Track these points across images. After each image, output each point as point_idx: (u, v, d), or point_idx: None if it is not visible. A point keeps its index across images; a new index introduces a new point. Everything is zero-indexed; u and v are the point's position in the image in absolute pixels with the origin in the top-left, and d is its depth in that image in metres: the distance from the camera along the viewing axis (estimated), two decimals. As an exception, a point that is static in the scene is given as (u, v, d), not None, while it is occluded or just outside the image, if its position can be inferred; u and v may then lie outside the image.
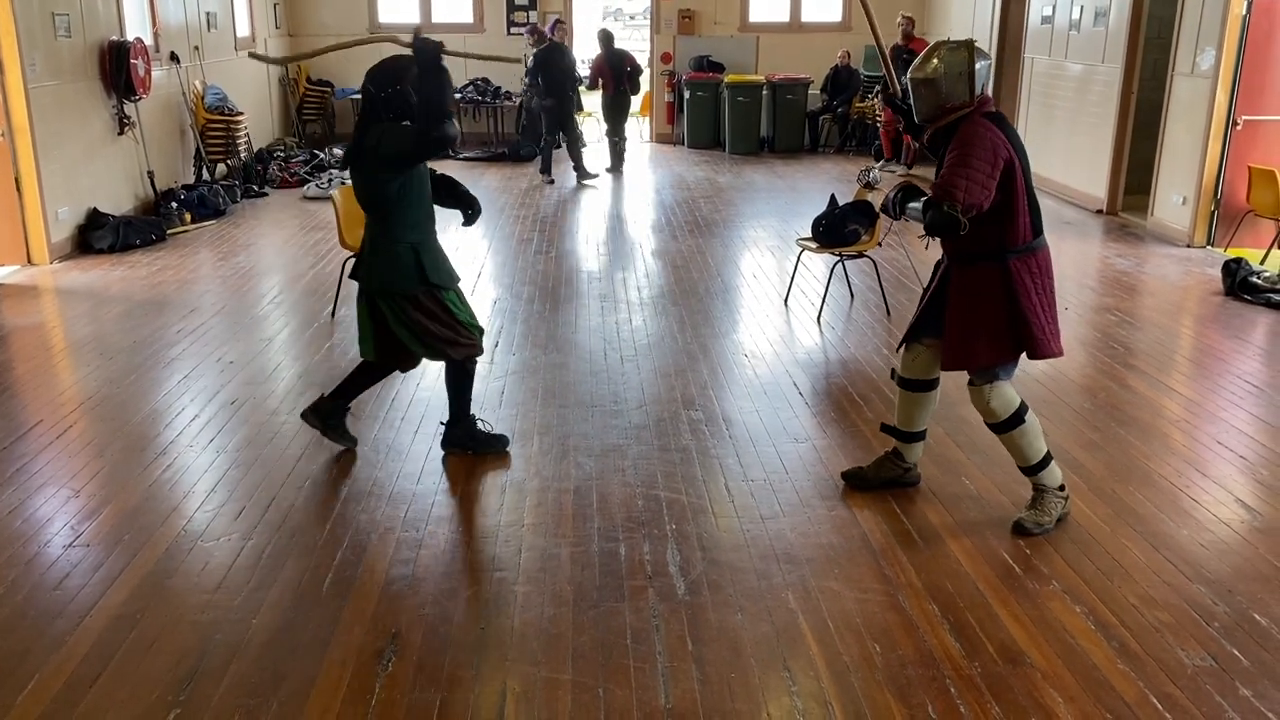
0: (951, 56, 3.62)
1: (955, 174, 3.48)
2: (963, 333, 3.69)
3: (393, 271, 4.05)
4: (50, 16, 7.76)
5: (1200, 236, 8.32)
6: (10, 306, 6.67)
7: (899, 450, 4.10)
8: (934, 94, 3.63)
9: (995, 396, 3.71)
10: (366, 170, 3.99)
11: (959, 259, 3.72)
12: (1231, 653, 3.06)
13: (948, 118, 3.64)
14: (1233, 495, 4.08)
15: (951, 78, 3.60)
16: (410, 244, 4.05)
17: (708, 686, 2.90)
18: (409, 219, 4.05)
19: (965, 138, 3.54)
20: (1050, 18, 10.74)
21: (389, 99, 3.93)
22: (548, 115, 11.36)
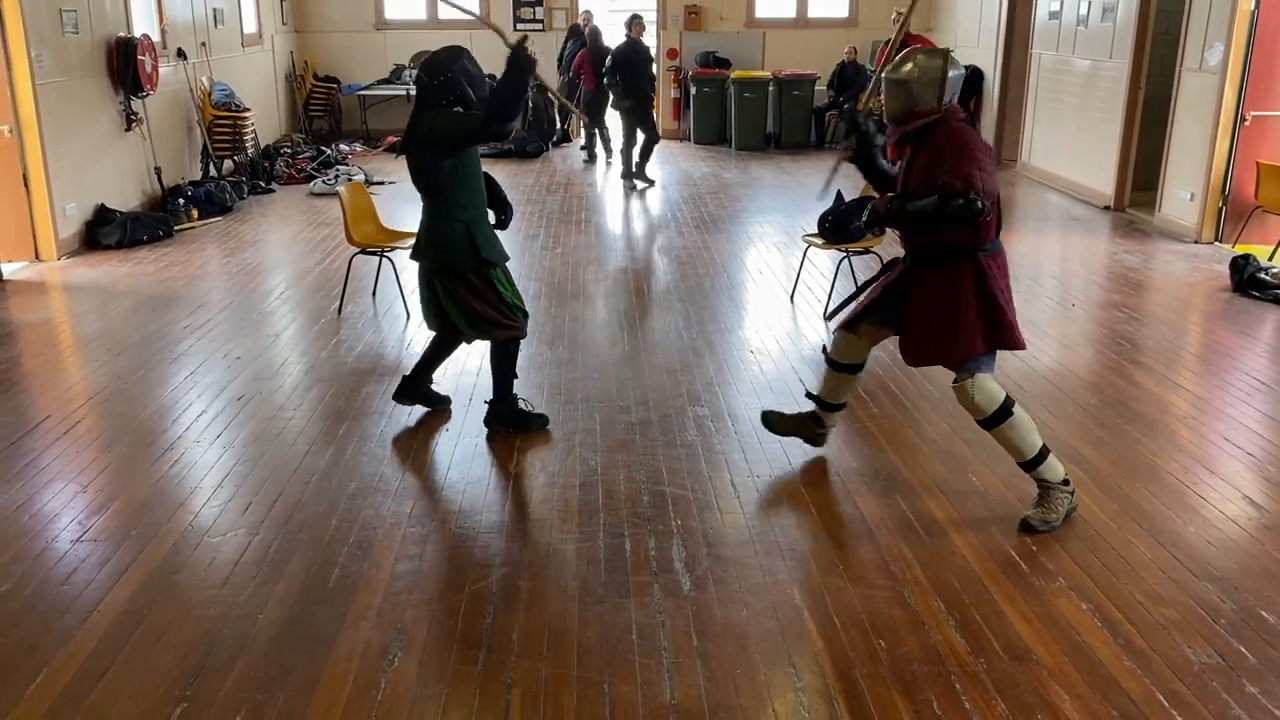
0: (928, 62, 3.70)
1: (967, 165, 3.54)
2: (936, 329, 3.75)
3: (447, 248, 4.29)
4: (58, 13, 7.77)
5: (1208, 232, 8.29)
6: (18, 302, 6.69)
7: (819, 416, 4.30)
8: (905, 96, 3.71)
9: (978, 391, 3.74)
10: (422, 153, 4.23)
11: (930, 258, 3.76)
12: (1238, 650, 3.05)
13: (915, 122, 3.72)
14: (1240, 492, 4.07)
15: (924, 83, 3.68)
16: (463, 221, 4.27)
17: (713, 682, 2.90)
18: (462, 198, 4.28)
19: (957, 135, 3.65)
20: (1058, 13, 10.70)
21: (441, 85, 4.20)
22: (627, 117, 10.93)
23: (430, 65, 4.25)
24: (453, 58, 4.26)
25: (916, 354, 3.87)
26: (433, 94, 4.22)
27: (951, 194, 3.50)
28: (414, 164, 4.30)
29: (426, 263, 4.39)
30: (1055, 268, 7.68)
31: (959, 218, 3.53)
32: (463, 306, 4.35)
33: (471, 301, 4.34)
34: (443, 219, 4.30)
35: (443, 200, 4.29)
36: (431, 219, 4.35)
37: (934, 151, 3.66)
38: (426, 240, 4.37)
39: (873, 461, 4.33)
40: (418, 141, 4.23)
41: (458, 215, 4.28)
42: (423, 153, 4.24)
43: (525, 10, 14.01)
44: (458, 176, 4.26)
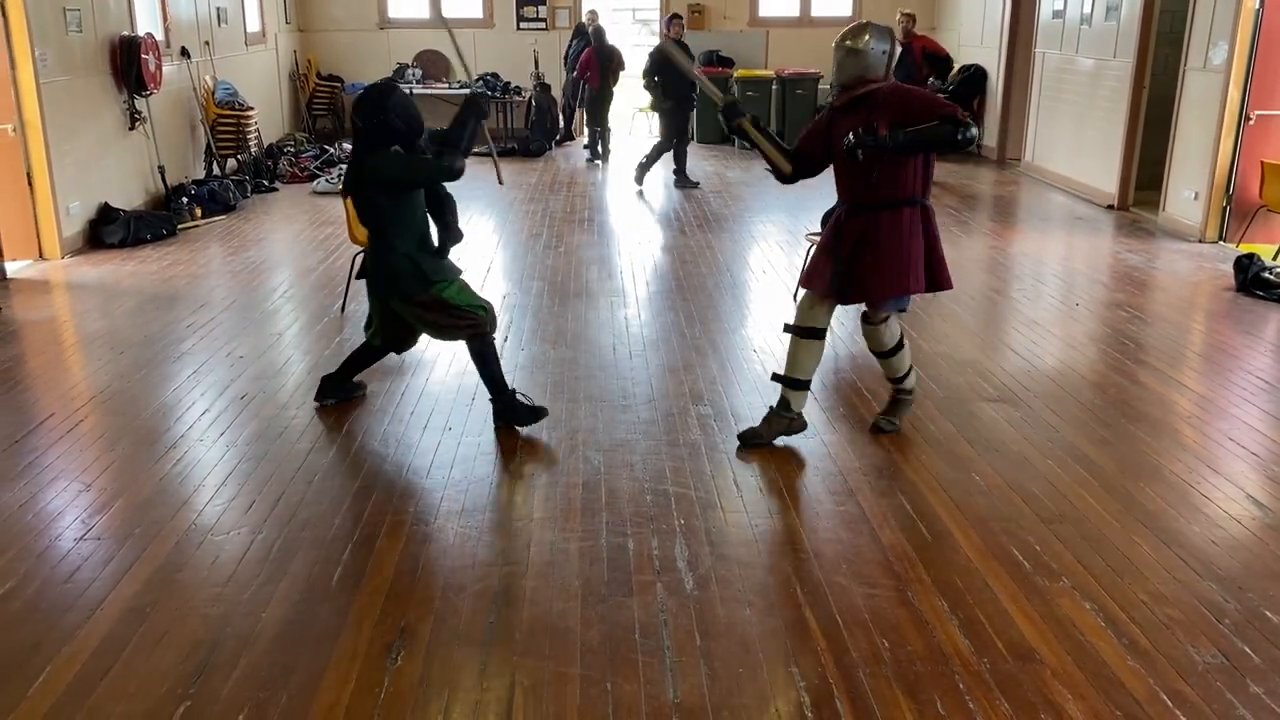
0: (880, 37, 4.21)
1: (945, 105, 4.14)
2: (893, 267, 4.24)
3: (395, 280, 4.46)
4: (61, 11, 7.78)
5: (1212, 232, 8.27)
6: (22, 301, 6.69)
7: (785, 400, 4.46)
8: (859, 64, 4.18)
9: (889, 332, 4.47)
10: (366, 196, 4.43)
11: (884, 205, 4.23)
12: (1243, 650, 3.04)
13: (864, 88, 4.20)
14: (1244, 491, 4.06)
15: (877, 54, 4.18)
16: (405, 254, 4.42)
17: (716, 681, 2.90)
18: (403, 232, 4.43)
19: (909, 90, 4.29)
20: (1061, 12, 10.69)
21: (378, 126, 4.30)
22: (666, 119, 10.63)
23: (363, 107, 4.34)
24: (385, 94, 4.36)
25: (861, 288, 4.30)
26: (372, 134, 4.32)
27: (958, 121, 4.00)
28: (357, 202, 4.50)
29: (378, 290, 4.59)
30: (1059, 267, 7.67)
31: (965, 141, 4.02)
32: (424, 321, 4.54)
33: (431, 316, 4.50)
34: (387, 251, 4.44)
35: (387, 235, 4.43)
36: (378, 252, 4.50)
37: (882, 108, 4.13)
38: (375, 272, 4.56)
39: (875, 460, 4.33)
40: (363, 184, 4.40)
41: (400, 248, 4.41)
42: (370, 196, 4.41)
43: (528, 9, 14.00)
44: (398, 213, 4.41)
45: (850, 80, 4.21)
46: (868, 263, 4.23)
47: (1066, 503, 3.95)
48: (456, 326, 4.53)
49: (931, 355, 5.61)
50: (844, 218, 4.33)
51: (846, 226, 4.31)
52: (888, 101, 4.15)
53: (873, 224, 4.23)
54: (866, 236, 4.23)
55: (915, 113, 4.08)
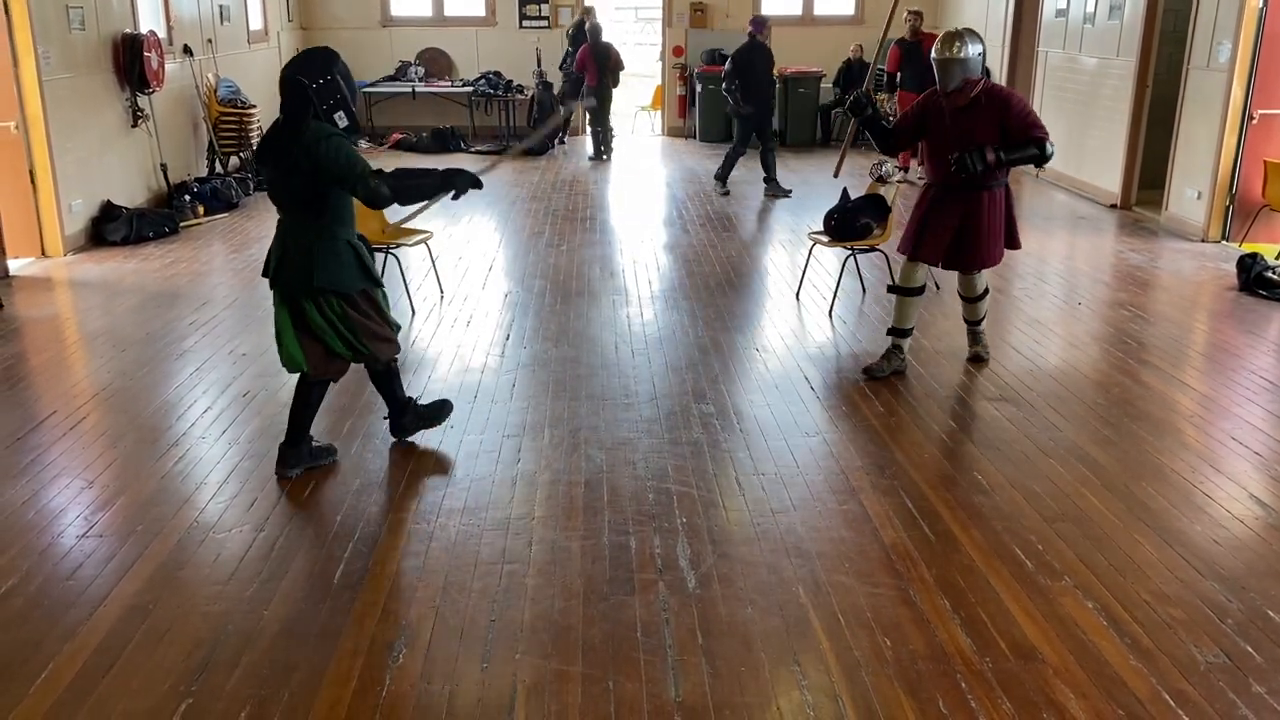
0: (974, 40, 4.89)
1: (1038, 119, 4.95)
2: (992, 238, 5.12)
3: (338, 270, 3.90)
4: (64, 9, 7.78)
5: (1215, 231, 8.26)
6: (24, 298, 6.70)
7: (897, 344, 5.30)
8: (965, 70, 4.87)
9: (982, 279, 5.37)
10: (303, 168, 3.78)
11: (986, 186, 5.00)
12: (1245, 649, 3.04)
13: (974, 90, 4.91)
14: (1246, 491, 4.06)
15: (975, 58, 4.87)
16: (347, 241, 3.96)
17: (718, 680, 2.90)
18: (345, 216, 3.97)
19: (1010, 96, 5.00)
20: (1065, 11, 10.67)
21: (323, 88, 3.81)
22: (744, 123, 10.10)
23: (308, 66, 3.84)
24: (331, 59, 3.90)
25: (974, 260, 5.16)
26: (314, 97, 3.80)
27: (1045, 143, 4.83)
28: (288, 178, 3.85)
29: (301, 285, 3.90)
30: (1061, 266, 7.66)
31: (1046, 160, 4.90)
32: (345, 327, 3.98)
33: (364, 321, 4.02)
34: (327, 237, 3.88)
35: (324, 217, 3.88)
36: (311, 237, 3.88)
37: (991, 110, 4.88)
38: (304, 261, 3.87)
39: (878, 459, 4.32)
40: (299, 155, 3.78)
41: (340, 234, 3.93)
42: (305, 168, 3.80)
43: (531, 8, 13.99)
44: (341, 193, 3.89)
45: (960, 85, 4.88)
46: (974, 238, 5.05)
47: (1069, 502, 3.95)
48: (387, 341, 4.13)
49: (934, 354, 5.61)
50: (940, 195, 5.07)
51: (946, 203, 5.04)
52: (991, 104, 4.88)
53: (975, 203, 5.00)
54: (970, 214, 5.01)
55: (1012, 122, 4.86)
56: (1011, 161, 4.90)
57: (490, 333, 6.01)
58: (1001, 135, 4.87)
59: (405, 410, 4.42)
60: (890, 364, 5.27)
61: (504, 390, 5.09)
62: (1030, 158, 4.90)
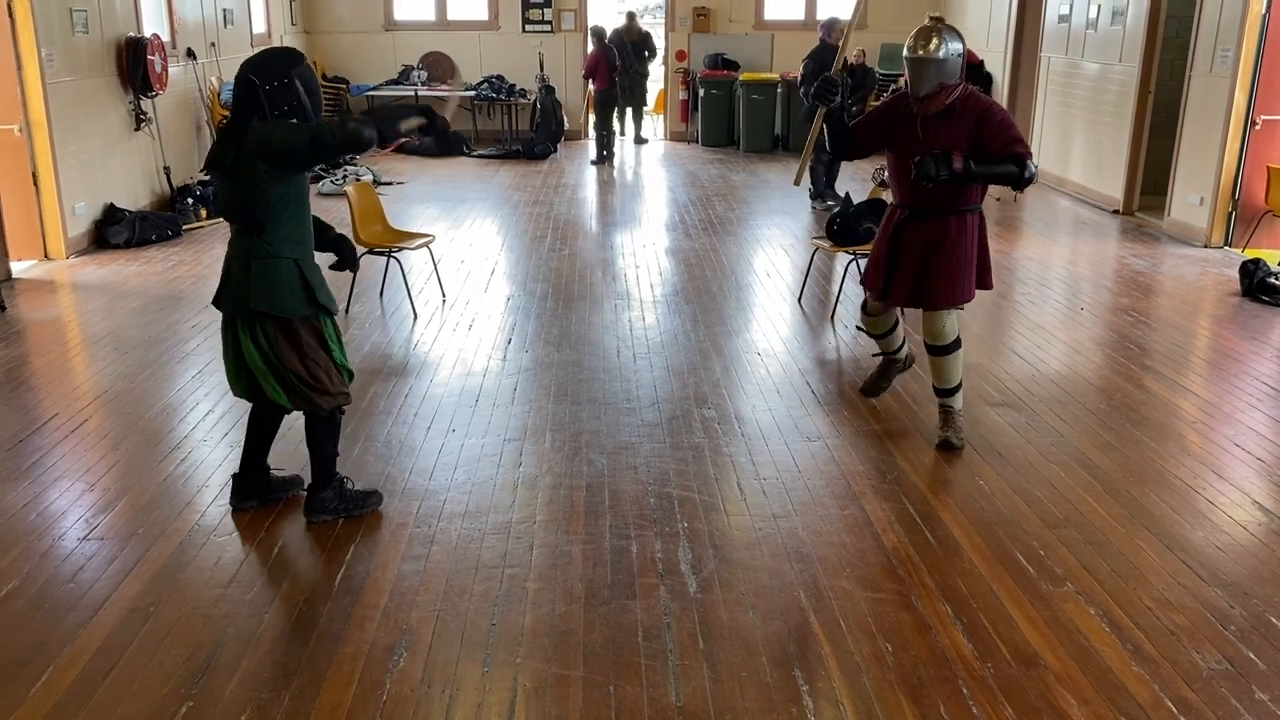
0: (953, 37, 4.22)
1: (1020, 134, 4.22)
2: (957, 271, 4.32)
3: (274, 290, 3.51)
4: (68, 12, 7.79)
5: (1218, 237, 8.26)
6: (27, 301, 6.70)
7: (893, 359, 4.86)
8: (941, 72, 4.20)
9: (951, 321, 4.41)
10: (250, 171, 3.44)
11: (956, 210, 4.29)
12: (1248, 656, 3.03)
13: (949, 96, 4.22)
14: (1249, 497, 4.05)
15: (954, 59, 4.21)
16: (292, 259, 3.54)
17: (719, 685, 2.89)
18: (291, 232, 3.55)
19: (990, 106, 4.28)
20: (1067, 16, 10.68)
21: (277, 90, 3.46)
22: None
23: (263, 67, 3.49)
24: (292, 61, 3.53)
25: (934, 298, 4.36)
26: (265, 100, 3.45)
27: (1025, 161, 4.12)
28: (234, 184, 3.49)
29: (238, 307, 3.58)
30: (1064, 271, 7.66)
31: (1027, 183, 4.17)
32: (279, 366, 3.58)
33: (293, 360, 3.57)
34: (267, 255, 3.51)
35: (267, 233, 3.50)
36: (250, 255, 3.53)
37: (967, 120, 4.19)
38: (242, 279, 3.54)
39: (879, 464, 4.32)
40: (247, 156, 3.43)
41: (285, 251, 3.52)
42: (250, 170, 3.43)
43: (534, 12, 14.01)
44: (288, 204, 3.51)
45: (935, 89, 4.20)
46: (940, 270, 4.30)
47: (1071, 507, 3.94)
48: (324, 390, 3.63)
49: (936, 359, 5.60)
50: (904, 223, 4.36)
51: (908, 234, 4.34)
52: (967, 112, 4.19)
53: (942, 229, 4.28)
54: (937, 243, 4.29)
55: (991, 133, 4.14)
56: (984, 176, 4.16)
57: (492, 336, 6.01)
58: (975, 153, 4.15)
59: (328, 484, 3.81)
60: (889, 377, 4.93)
61: (505, 394, 5.09)
62: (1007, 176, 4.15)
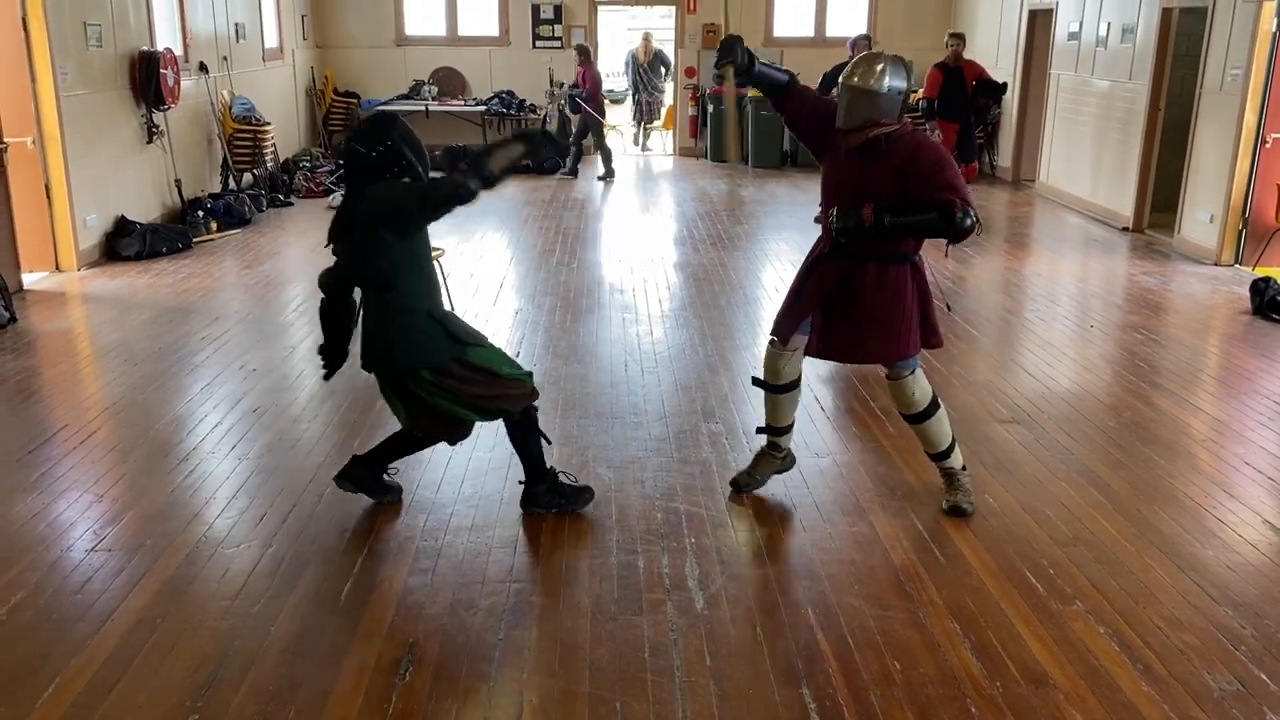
0: (897, 73, 3.70)
1: (955, 179, 3.64)
2: (887, 327, 3.83)
3: (419, 344, 3.64)
4: (82, 26, 7.85)
5: (1228, 255, 8.23)
6: (38, 312, 6.73)
7: (773, 444, 4.20)
8: (873, 107, 3.67)
9: (918, 387, 3.93)
10: (370, 235, 3.55)
11: (878, 259, 3.79)
12: (1259, 677, 3.01)
13: (875, 130, 3.70)
14: (1260, 516, 4.03)
15: (893, 96, 3.68)
16: (427, 312, 3.67)
17: (725, 702, 2.88)
18: (422, 286, 3.67)
19: (929, 147, 3.74)
20: (1077, 34, 10.69)
21: (382, 156, 3.54)
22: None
23: (365, 134, 3.59)
24: (389, 124, 3.61)
25: (859, 352, 3.99)
26: (371, 166, 3.54)
27: (954, 210, 3.55)
28: (356, 252, 3.63)
29: (390, 369, 3.72)
30: (1073, 289, 7.64)
31: (963, 234, 3.61)
32: (459, 397, 3.71)
33: (468, 388, 3.70)
34: (402, 312, 3.62)
35: (398, 291, 3.61)
36: (387, 316, 3.65)
37: (894, 160, 3.66)
38: (386, 340, 3.66)
39: (888, 481, 4.30)
40: (365, 222, 3.54)
41: (419, 305, 3.64)
42: (375, 236, 3.55)
43: (544, 28, 14.07)
44: (413, 259, 3.63)
45: (859, 124, 3.69)
46: (847, 320, 3.84)
47: (1080, 525, 3.92)
48: (508, 397, 3.78)
49: (945, 375, 5.59)
50: (822, 259, 3.90)
51: (827, 269, 3.87)
52: (894, 152, 3.68)
53: (858, 276, 3.79)
54: (851, 290, 3.81)
55: (917, 178, 3.62)
56: (901, 229, 3.64)
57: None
58: (905, 199, 3.64)
59: (542, 478, 3.97)
60: (765, 469, 4.18)
61: (513, 408, 5.08)
62: (927, 227, 3.62)
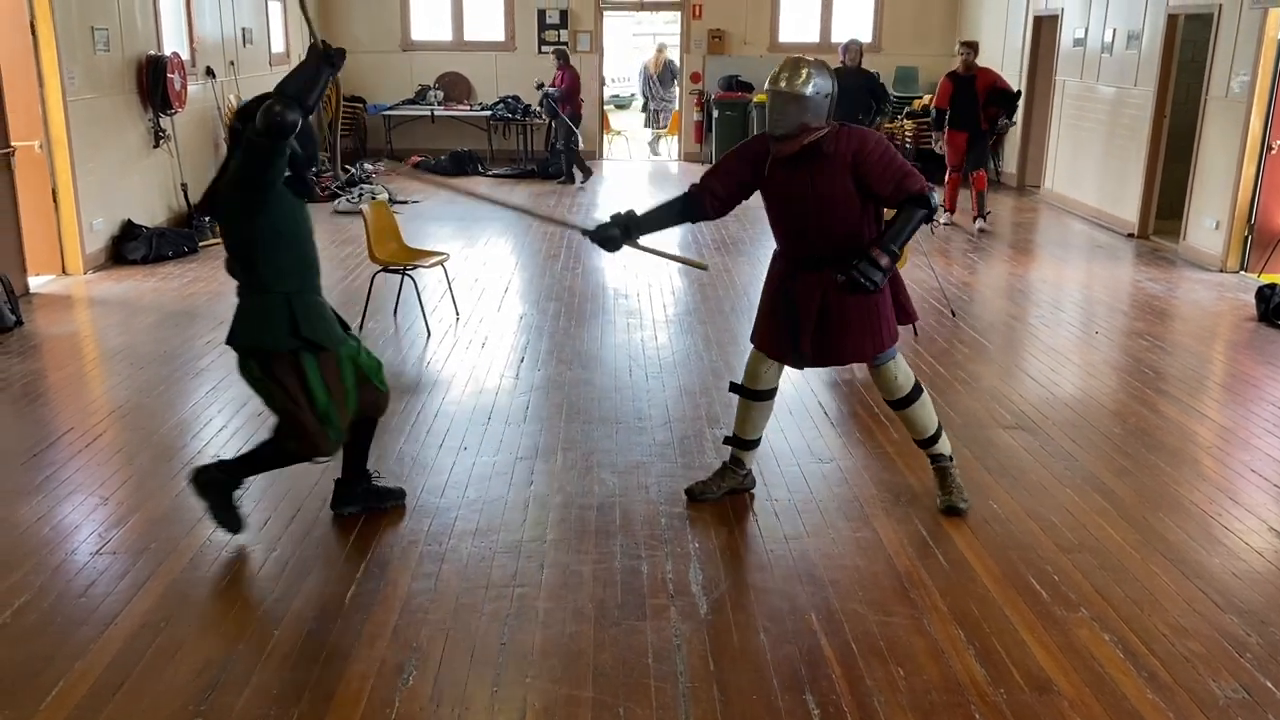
0: (822, 75, 3.72)
1: (905, 162, 3.75)
2: (864, 324, 3.84)
3: (259, 324, 3.52)
4: (90, 31, 7.88)
5: (1233, 262, 8.22)
6: (44, 315, 6.75)
7: (737, 458, 4.18)
8: (801, 111, 3.68)
9: (900, 371, 3.96)
10: (226, 208, 3.48)
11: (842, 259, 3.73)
12: (1265, 685, 3.00)
13: (809, 136, 3.71)
14: (1266, 524, 4.01)
15: (820, 99, 3.69)
16: (282, 293, 3.51)
17: (729, 708, 2.87)
18: (285, 267, 3.53)
19: (864, 140, 3.73)
20: (1082, 40, 10.69)
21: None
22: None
23: (247, 110, 3.46)
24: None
25: (845, 352, 3.95)
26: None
27: (928, 197, 3.69)
28: (224, 221, 3.57)
29: (237, 341, 3.60)
30: (1078, 295, 7.64)
31: (931, 216, 3.76)
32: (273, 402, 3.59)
33: (276, 394, 3.55)
34: (258, 290, 3.52)
35: (259, 267, 3.51)
36: (245, 292, 3.57)
37: (837, 162, 3.68)
38: (235, 317, 3.58)
39: (892, 486, 4.30)
40: (225, 192, 3.46)
41: (275, 286, 3.50)
42: (227, 204, 3.47)
43: (550, 33, 14.10)
44: (277, 236, 3.47)
45: (793, 130, 3.69)
46: (839, 326, 3.82)
47: (1085, 532, 3.92)
48: (296, 430, 3.57)
49: (949, 380, 5.58)
50: (791, 273, 3.89)
51: (800, 285, 3.85)
52: (838, 153, 3.67)
53: (830, 283, 3.77)
54: (830, 297, 3.79)
55: (873, 174, 3.67)
56: (905, 242, 3.72)
57: (505, 355, 6.02)
58: (860, 194, 3.70)
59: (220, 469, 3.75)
60: (724, 483, 4.15)
61: (517, 412, 5.09)
62: (919, 224, 3.73)
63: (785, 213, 3.86)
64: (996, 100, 9.66)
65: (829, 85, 3.71)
